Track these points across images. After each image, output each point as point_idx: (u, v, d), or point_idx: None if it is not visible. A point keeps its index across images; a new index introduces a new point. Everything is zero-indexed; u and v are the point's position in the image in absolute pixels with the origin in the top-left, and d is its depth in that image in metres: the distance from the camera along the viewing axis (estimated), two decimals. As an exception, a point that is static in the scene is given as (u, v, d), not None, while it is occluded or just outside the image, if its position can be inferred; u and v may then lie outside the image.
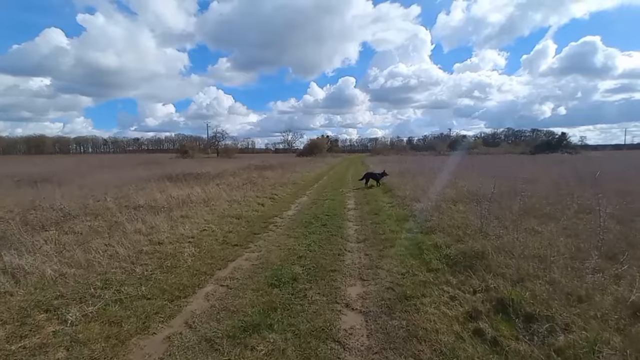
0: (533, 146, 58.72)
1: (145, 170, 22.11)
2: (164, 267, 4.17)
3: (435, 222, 6.06)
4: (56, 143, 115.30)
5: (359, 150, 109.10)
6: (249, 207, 8.35)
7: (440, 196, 8.95)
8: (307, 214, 7.82)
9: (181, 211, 7.24)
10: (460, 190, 9.63)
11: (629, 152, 55.72)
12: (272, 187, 12.48)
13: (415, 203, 8.39)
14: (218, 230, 6.02)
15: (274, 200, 9.81)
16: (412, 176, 14.71)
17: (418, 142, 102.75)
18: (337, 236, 5.81)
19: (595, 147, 78.75)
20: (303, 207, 8.93)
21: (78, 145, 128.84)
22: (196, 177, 15.86)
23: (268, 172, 19.56)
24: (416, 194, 9.47)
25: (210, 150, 74.32)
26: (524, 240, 4.53)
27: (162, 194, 9.62)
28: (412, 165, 21.92)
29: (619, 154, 49.30)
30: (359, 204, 9.25)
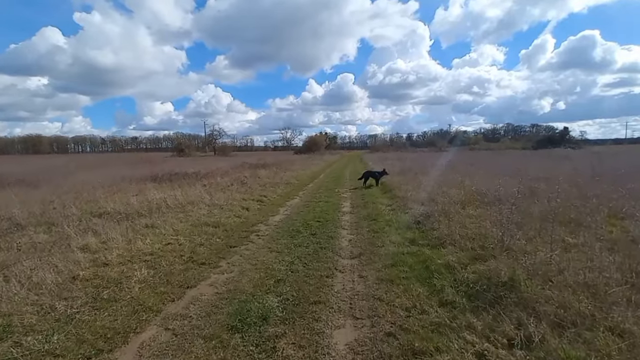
0: (535, 141, 57.70)
1: (133, 170, 21.13)
2: (98, 301, 3.22)
3: (444, 231, 5.11)
4: (54, 142, 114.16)
5: (358, 147, 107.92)
6: (231, 212, 7.40)
7: (446, 198, 8.01)
8: (296, 220, 6.87)
9: (150, 219, 6.28)
10: (468, 191, 8.69)
11: (632, 147, 54.78)
12: (262, 188, 11.52)
13: (419, 206, 7.44)
14: (186, 244, 5.07)
15: (261, 204, 8.85)
16: (413, 174, 13.77)
17: (417, 139, 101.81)
18: (327, 249, 4.87)
19: (595, 141, 77.89)
20: (293, 211, 7.98)
21: (76, 145, 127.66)
22: (183, 177, 14.90)
23: (261, 171, 18.61)
24: (419, 195, 8.52)
25: (208, 148, 73.39)
26: (560, 259, 3.59)
27: (136, 198, 8.66)
28: (413, 163, 20.98)
29: (622, 148, 48.36)
30: (356, 207, 8.30)
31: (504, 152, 39.82)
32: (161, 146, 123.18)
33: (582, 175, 11.41)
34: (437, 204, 7.33)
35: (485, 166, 16.71)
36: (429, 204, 7.59)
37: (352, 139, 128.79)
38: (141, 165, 27.28)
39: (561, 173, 12.23)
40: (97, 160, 45.21)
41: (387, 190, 10.65)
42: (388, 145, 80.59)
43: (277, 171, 19.21)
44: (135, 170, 21.28)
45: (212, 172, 17.64)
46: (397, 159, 28.93)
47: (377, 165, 22.09)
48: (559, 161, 20.57)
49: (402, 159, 27.26)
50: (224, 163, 27.85)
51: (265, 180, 14.04)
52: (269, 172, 18.57)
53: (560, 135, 55.59)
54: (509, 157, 27.69)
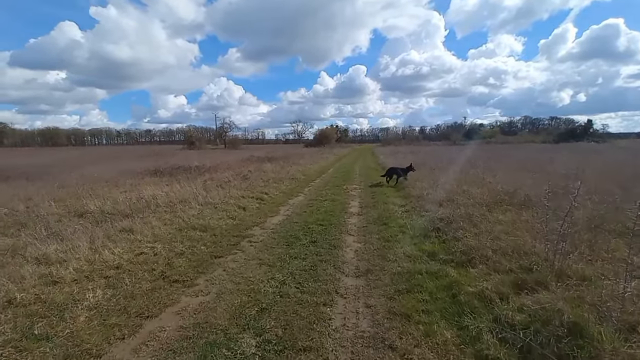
0: (555, 135, 55.12)
1: (139, 163, 20.77)
2: (25, 338, 2.49)
3: (471, 242, 4.20)
4: (72, 135, 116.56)
5: (370, 141, 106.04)
6: (225, 212, 6.65)
7: (467, 198, 7.05)
8: (297, 223, 6.07)
9: (131, 221, 5.59)
10: (493, 190, 7.69)
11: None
12: (265, 184, 10.76)
13: (437, 207, 6.52)
14: (163, 254, 4.33)
15: (261, 202, 8.08)
16: (428, 170, 12.75)
17: (431, 132, 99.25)
18: (328, 263, 4.04)
19: (618, 135, 73.91)
20: (295, 211, 7.18)
21: (92, 137, 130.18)
22: (185, 171, 14.31)
23: (267, 165, 17.89)
24: (437, 195, 7.57)
25: (219, 141, 73.36)
26: (637, 291, 2.67)
27: (126, 195, 8.03)
28: (428, 157, 19.86)
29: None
30: (364, 207, 7.43)
31: (524, 146, 37.90)
32: (174, 139, 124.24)
33: (619, 172, 10.19)
34: (458, 206, 6.39)
35: (506, 161, 15.50)
36: (449, 205, 6.66)
37: (363, 132, 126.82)
38: (149, 158, 27.01)
39: (594, 169, 11.01)
40: (109, 152, 45.61)
41: (400, 187, 9.72)
42: (400, 138, 78.75)
43: (284, 165, 18.45)
44: (141, 163, 20.94)
45: (216, 166, 17.03)
46: (410, 152, 27.75)
47: (390, 159, 21.06)
48: (586, 156, 19.05)
49: (416, 153, 26.08)
50: (231, 156, 27.35)
51: (269, 175, 13.28)
52: (275, 166, 17.84)
53: (583, 129, 52.83)
54: (530, 151, 26.12)
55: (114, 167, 18.26)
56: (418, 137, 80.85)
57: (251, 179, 12.03)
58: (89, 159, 28.95)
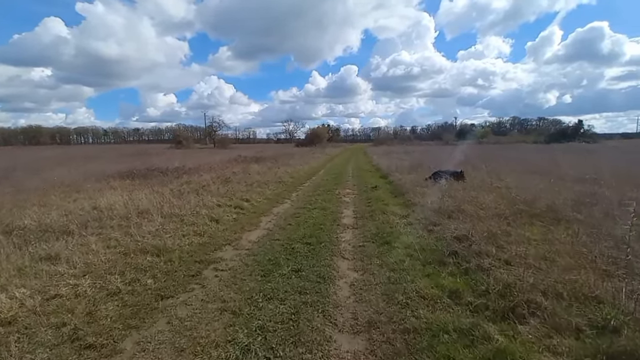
0: (546, 135, 55.20)
1: (115, 164, 19.28)
2: None
3: (506, 276, 3.14)
4: (56, 134, 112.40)
5: (362, 140, 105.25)
6: (192, 226, 5.48)
7: (480, 207, 6.04)
8: (278, 241, 4.95)
9: (64, 242, 4.38)
10: (506, 197, 6.71)
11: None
12: (248, 188, 9.59)
13: (446, 220, 5.49)
14: (90, 294, 3.16)
15: (240, 212, 6.93)
16: (427, 172, 11.75)
17: (422, 132, 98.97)
18: (314, 308, 2.94)
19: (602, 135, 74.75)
20: (278, 223, 6.06)
21: (79, 136, 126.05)
22: (162, 174, 13.01)
23: (254, 166, 16.72)
24: (443, 203, 6.55)
25: (208, 140, 71.56)
26: None
27: (80, 203, 6.79)
28: (423, 157, 18.90)
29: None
30: (360, 218, 6.36)
31: (517, 146, 37.48)
32: (163, 138, 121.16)
33: (636, 175, 9.36)
34: (471, 219, 5.37)
35: (506, 162, 14.65)
36: (459, 216, 5.63)
37: (355, 131, 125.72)
38: (129, 158, 25.48)
39: (607, 171, 10.17)
40: (90, 152, 43.53)
41: (398, 193, 8.67)
42: (392, 138, 78.17)
43: (272, 166, 17.29)
44: (117, 164, 19.43)
45: (198, 167, 15.76)
46: (404, 152, 26.89)
47: (384, 159, 20.05)
48: (586, 156, 18.41)
49: (409, 153, 25.23)
50: (218, 156, 25.93)
51: (254, 178, 12.12)
52: (263, 167, 16.68)
53: (573, 129, 52.96)
54: (526, 151, 25.53)
55: (87, 169, 16.82)
56: (410, 136, 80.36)
57: (233, 182, 10.85)
58: (64, 159, 27.15)
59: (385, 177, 12.10)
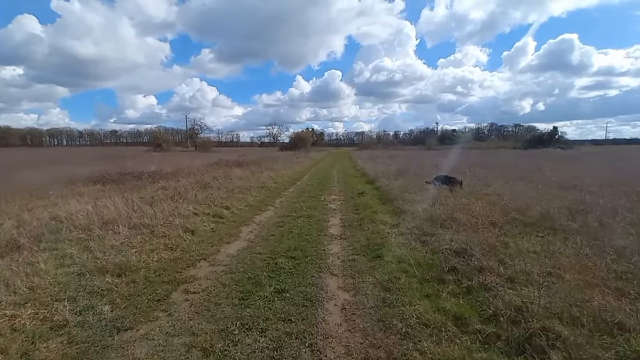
0: (524, 141, 57.08)
1: (86, 167, 18.14)
2: None
3: (514, 298, 2.81)
4: (28, 135, 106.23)
5: (346, 144, 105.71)
6: (164, 239, 4.93)
7: (472, 216, 5.79)
8: (260, 255, 4.49)
9: (9, 260, 3.76)
10: (496, 204, 6.50)
11: (618, 148, 54.78)
12: (228, 195, 9.05)
13: (439, 229, 5.18)
14: (29, 327, 2.60)
15: (219, 221, 6.41)
16: (413, 176, 11.56)
17: (404, 137, 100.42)
18: (301, 340, 2.51)
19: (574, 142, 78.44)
20: (260, 234, 5.59)
21: (52, 138, 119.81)
22: (136, 178, 12.23)
23: (236, 171, 16.09)
24: (434, 211, 6.26)
25: (190, 143, 69.78)
26: None
27: (39, 212, 6.09)
28: (408, 162, 18.83)
29: (611, 149, 48.01)
30: (348, 227, 5.98)
31: (497, 152, 38.39)
32: (142, 140, 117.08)
33: (618, 180, 9.47)
34: (465, 228, 5.10)
35: (490, 167, 14.71)
36: (452, 225, 5.35)
37: (339, 135, 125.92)
38: (103, 161, 24.22)
39: (590, 177, 10.26)
40: (61, 154, 41.32)
41: (386, 199, 8.37)
42: (375, 142, 78.78)
43: (255, 171, 16.73)
44: (89, 167, 18.30)
45: (176, 171, 14.99)
46: (388, 157, 26.87)
47: (369, 164, 19.85)
48: (565, 162, 18.87)
49: (394, 157, 25.20)
50: (199, 160, 25.02)
51: (236, 183, 11.55)
52: (246, 171, 16.08)
53: (549, 135, 54.98)
54: (507, 157, 26.05)
55: (55, 173, 15.69)
56: (393, 141, 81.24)
57: (213, 188, 10.26)
58: (31, 161, 25.51)
59: (372, 183, 11.82)
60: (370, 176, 13.24)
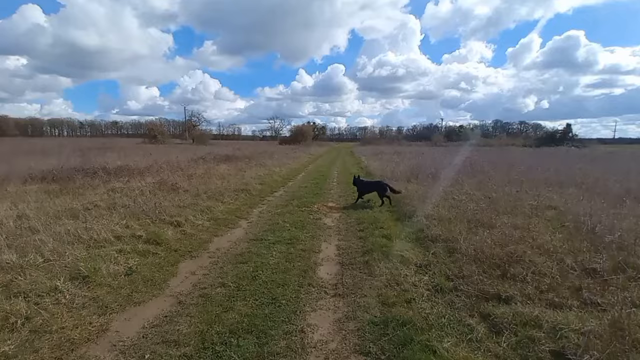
0: (535, 139, 54.53)
1: (56, 160, 16.00)
2: None
3: None
4: (29, 125, 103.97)
5: (348, 139, 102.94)
6: (13, 302, 2.77)
7: (548, 252, 3.59)
8: (215, 304, 2.32)
9: None
10: (583, 234, 4.29)
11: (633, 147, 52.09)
12: (193, 201, 6.88)
13: (505, 283, 2.99)
14: None
15: (149, 251, 4.23)
16: (432, 180, 9.28)
17: (407, 132, 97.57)
18: None
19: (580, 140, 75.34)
20: (202, 282, 3.42)
21: (52, 128, 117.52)
22: (92, 175, 10.05)
23: (222, 167, 13.93)
24: (478, 240, 4.05)
25: (188, 135, 67.69)
26: None
27: None
28: (419, 160, 16.45)
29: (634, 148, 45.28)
30: (348, 266, 3.80)
31: (509, 150, 35.90)
32: (143, 132, 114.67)
33: None
34: (549, 281, 2.90)
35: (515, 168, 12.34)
36: (523, 272, 3.15)
37: (341, 130, 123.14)
38: (80, 153, 22.07)
39: None
40: (47, 145, 39.17)
41: (402, 213, 6.15)
42: (378, 137, 76.31)
43: (244, 167, 14.56)
44: (60, 160, 16.17)
45: (149, 167, 12.77)
46: (395, 153, 24.48)
47: (375, 162, 17.63)
48: (598, 163, 16.49)
49: (401, 154, 22.81)
50: (188, 153, 22.74)
51: (213, 183, 9.39)
52: (232, 168, 13.90)
53: (562, 133, 52.34)
54: (526, 156, 23.64)
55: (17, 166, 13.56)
56: (398, 137, 78.56)
57: (179, 191, 8.10)
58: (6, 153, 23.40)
59: (379, 186, 9.58)
60: (377, 178, 11.00)
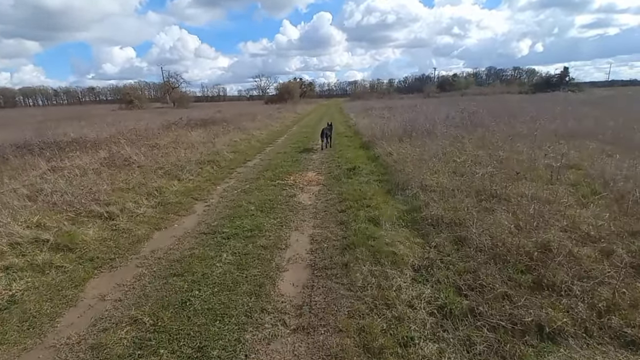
0: (530, 85, 52.56)
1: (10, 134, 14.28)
2: None
3: None
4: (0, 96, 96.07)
5: (338, 95, 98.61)
6: None
7: (591, 240, 2.59)
8: None
9: None
10: (620, 205, 3.29)
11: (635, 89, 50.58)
12: (142, 179, 5.70)
13: (539, 295, 2.01)
14: None
15: (50, 264, 3.13)
16: (427, 138, 8.08)
17: (399, 85, 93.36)
18: None
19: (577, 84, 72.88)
20: (150, 277, 2.37)
21: (26, 98, 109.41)
22: (34, 152, 8.65)
23: (195, 133, 12.46)
24: (480, 206, 3.02)
25: (169, 98, 63.80)
26: None
27: None
28: (412, 114, 14.95)
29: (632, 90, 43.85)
30: (322, 272, 2.77)
31: (505, 97, 34.24)
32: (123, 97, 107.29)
33: None
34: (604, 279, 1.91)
35: (518, 119, 11.11)
36: (567, 271, 2.16)
37: (331, 86, 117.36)
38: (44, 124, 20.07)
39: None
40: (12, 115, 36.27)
41: (393, 184, 5.05)
42: (369, 91, 73.03)
43: (221, 132, 13.10)
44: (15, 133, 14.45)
45: (110, 137, 11.26)
46: (385, 108, 22.82)
47: (362, 118, 16.20)
48: (600, 108, 15.29)
49: (392, 109, 21.17)
50: (162, 119, 20.83)
51: (178, 154, 8.12)
52: (206, 134, 12.44)
53: (559, 78, 50.31)
54: (525, 103, 22.25)
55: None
56: (389, 90, 75.09)
57: (132, 166, 6.88)
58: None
59: (368, 148, 8.42)
60: (366, 137, 9.78)
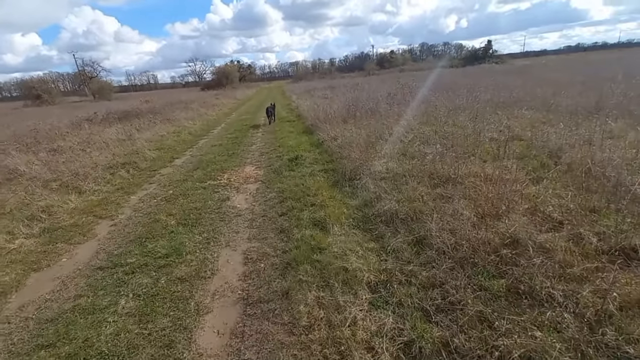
0: (460, 59, 55.85)
1: None
2: None
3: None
4: None
5: (280, 77, 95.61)
6: None
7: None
8: None
9: None
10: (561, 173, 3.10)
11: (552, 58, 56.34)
12: (31, 198, 4.40)
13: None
14: None
15: None
16: (372, 118, 7.67)
17: (340, 64, 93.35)
18: None
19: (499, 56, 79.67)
20: None
21: None
22: None
23: (112, 130, 10.71)
24: (434, 193, 2.61)
25: (87, 91, 55.89)
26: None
27: None
28: (353, 93, 14.54)
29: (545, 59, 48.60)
30: (256, 276, 2.11)
31: (440, 72, 35.79)
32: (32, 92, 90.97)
33: None
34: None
35: (455, 92, 11.30)
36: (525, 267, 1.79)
37: (272, 68, 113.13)
38: None
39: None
40: None
41: (339, 173, 4.50)
42: (312, 72, 71.86)
43: (144, 126, 11.43)
44: None
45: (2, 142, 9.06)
46: (328, 87, 22.27)
47: (304, 100, 15.46)
48: (525, 76, 16.44)
49: (335, 89, 20.64)
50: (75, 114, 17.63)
51: (86, 158, 6.70)
52: (127, 130, 10.70)
53: (483, 51, 54.13)
54: (457, 77, 23.27)
55: None
56: (330, 69, 74.58)
57: (21, 179, 5.43)
58: None
59: (311, 133, 7.79)
60: (309, 121, 9.11)
